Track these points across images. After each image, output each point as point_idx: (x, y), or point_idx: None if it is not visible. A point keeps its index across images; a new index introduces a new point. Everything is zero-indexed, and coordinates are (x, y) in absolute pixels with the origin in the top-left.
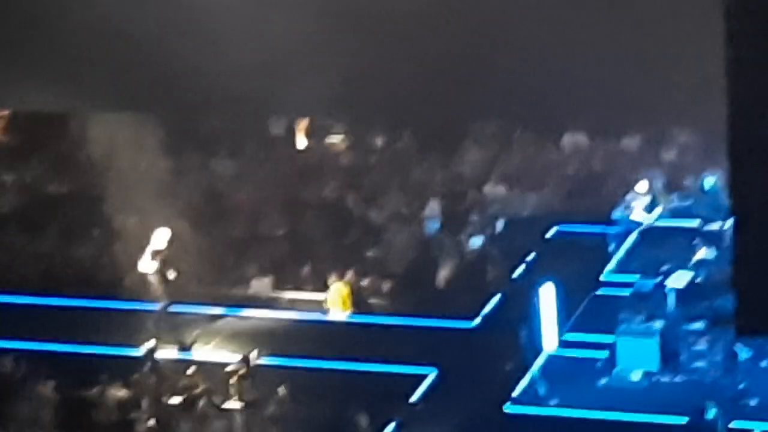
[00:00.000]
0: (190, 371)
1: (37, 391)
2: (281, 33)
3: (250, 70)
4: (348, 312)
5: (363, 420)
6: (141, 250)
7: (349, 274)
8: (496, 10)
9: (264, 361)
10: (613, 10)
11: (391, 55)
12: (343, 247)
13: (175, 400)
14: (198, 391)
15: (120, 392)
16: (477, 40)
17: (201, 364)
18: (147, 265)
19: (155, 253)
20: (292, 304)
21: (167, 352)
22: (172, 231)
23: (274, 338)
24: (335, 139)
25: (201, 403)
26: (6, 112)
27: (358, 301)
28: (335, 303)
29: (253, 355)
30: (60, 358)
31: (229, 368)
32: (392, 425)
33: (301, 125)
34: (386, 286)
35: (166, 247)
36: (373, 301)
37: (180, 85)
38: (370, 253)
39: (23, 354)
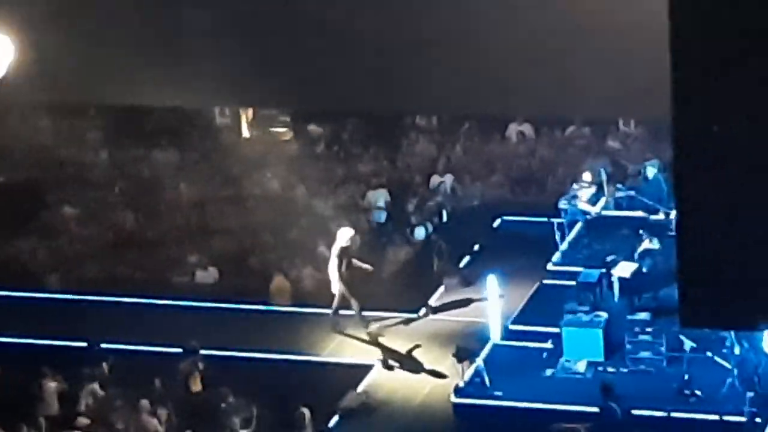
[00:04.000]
0: None
1: None
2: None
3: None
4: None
5: (307, 412)
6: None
7: (294, 265)
8: (442, 3)
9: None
10: (559, 5)
11: (334, 47)
12: (288, 238)
13: None
14: None
15: None
16: (424, 32)
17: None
18: (333, 265)
19: (342, 252)
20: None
21: None
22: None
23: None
24: (280, 129)
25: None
26: None
27: (303, 292)
28: (278, 294)
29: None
30: None
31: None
32: (336, 417)
33: (246, 114)
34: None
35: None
36: (317, 292)
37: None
38: (315, 244)
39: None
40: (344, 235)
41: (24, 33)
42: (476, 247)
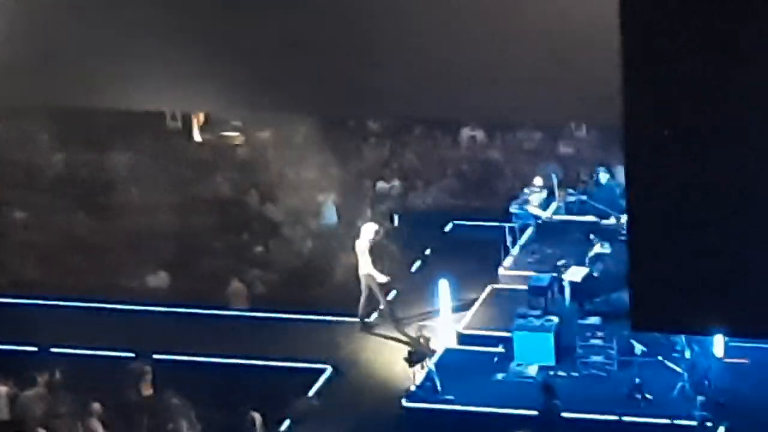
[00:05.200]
0: None
1: None
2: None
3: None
4: (242, 307)
5: (258, 416)
6: None
7: (245, 269)
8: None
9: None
10: (509, 6)
11: (286, 50)
12: (239, 242)
13: None
14: None
15: None
16: (374, 36)
17: None
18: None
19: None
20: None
21: None
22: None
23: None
24: (231, 133)
25: None
26: None
27: (253, 296)
28: (231, 297)
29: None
30: None
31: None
32: (287, 422)
33: (198, 118)
34: (282, 280)
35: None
36: (268, 296)
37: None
38: (265, 248)
39: None
40: (369, 230)
41: None
42: (427, 252)
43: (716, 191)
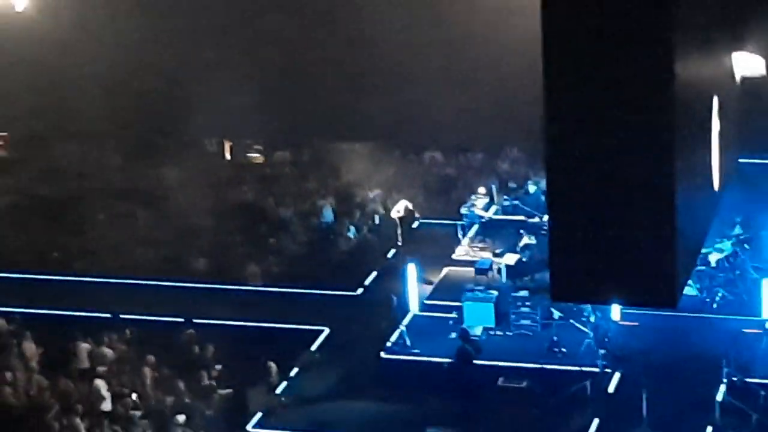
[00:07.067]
0: None
1: None
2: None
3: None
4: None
5: (273, 366)
6: None
7: (263, 256)
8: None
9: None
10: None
11: (293, 93)
12: (260, 236)
13: None
14: None
15: None
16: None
17: None
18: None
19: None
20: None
21: None
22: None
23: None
24: (254, 154)
25: None
26: None
27: (269, 275)
28: (251, 276)
29: None
30: None
31: None
32: (295, 369)
33: (228, 143)
34: (291, 264)
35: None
36: (282, 275)
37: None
38: (279, 240)
39: None
40: (401, 205)
41: None
42: (400, 243)
43: (612, 196)
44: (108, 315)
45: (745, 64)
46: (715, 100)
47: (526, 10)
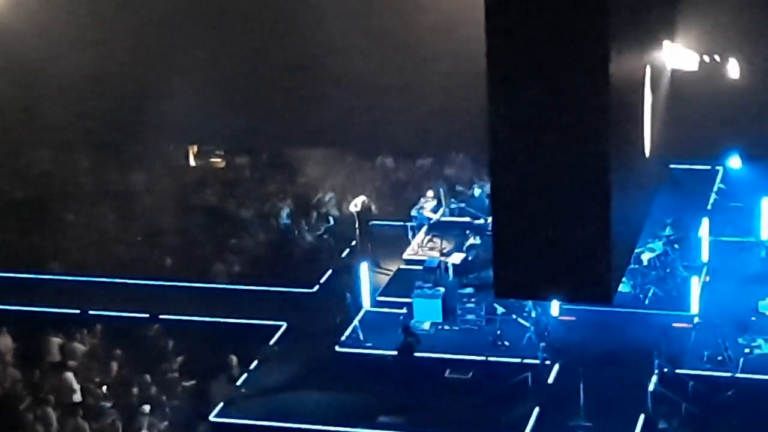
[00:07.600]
0: None
1: None
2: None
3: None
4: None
5: (234, 359)
6: None
7: (225, 254)
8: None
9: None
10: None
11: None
12: (221, 235)
13: None
14: None
15: None
16: (315, 90)
17: None
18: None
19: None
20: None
21: None
22: None
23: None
24: (216, 159)
25: None
26: None
27: (232, 273)
28: (216, 274)
29: None
30: None
31: None
32: (255, 362)
33: (193, 149)
34: (252, 263)
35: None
36: (242, 273)
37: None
38: (240, 240)
39: None
40: (358, 201)
41: None
42: (353, 243)
43: (551, 200)
44: (77, 311)
45: (677, 56)
46: (648, 70)
47: (473, 23)
